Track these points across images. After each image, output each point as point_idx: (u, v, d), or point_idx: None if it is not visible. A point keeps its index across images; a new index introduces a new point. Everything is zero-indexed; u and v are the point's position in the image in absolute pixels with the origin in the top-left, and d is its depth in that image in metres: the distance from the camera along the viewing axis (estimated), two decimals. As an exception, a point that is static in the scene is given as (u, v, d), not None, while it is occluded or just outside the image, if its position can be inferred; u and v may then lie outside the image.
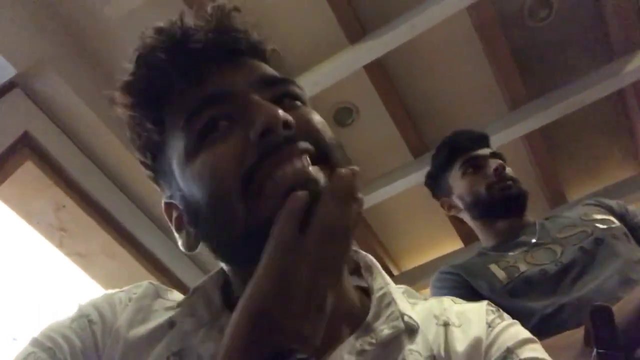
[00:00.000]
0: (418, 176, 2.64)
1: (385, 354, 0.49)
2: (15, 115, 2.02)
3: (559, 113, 2.47)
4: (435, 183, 1.42)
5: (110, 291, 0.59)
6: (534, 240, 1.20)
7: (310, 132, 0.50)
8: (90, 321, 0.53)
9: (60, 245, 2.29)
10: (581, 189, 3.05)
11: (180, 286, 2.51)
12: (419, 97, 2.54)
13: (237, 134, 0.45)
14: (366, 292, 0.56)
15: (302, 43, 2.28)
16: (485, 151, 1.34)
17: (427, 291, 3.64)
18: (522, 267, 1.14)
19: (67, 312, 0.57)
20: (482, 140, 1.38)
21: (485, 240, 1.33)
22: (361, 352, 0.48)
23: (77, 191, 2.17)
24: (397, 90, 2.47)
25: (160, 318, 0.55)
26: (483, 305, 0.56)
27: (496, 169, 1.26)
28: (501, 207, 1.26)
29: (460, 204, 1.35)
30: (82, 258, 2.34)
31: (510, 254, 1.19)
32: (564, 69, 2.51)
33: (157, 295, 0.58)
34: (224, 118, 0.47)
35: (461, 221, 1.43)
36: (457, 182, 1.34)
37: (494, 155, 1.34)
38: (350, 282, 0.56)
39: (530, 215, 1.33)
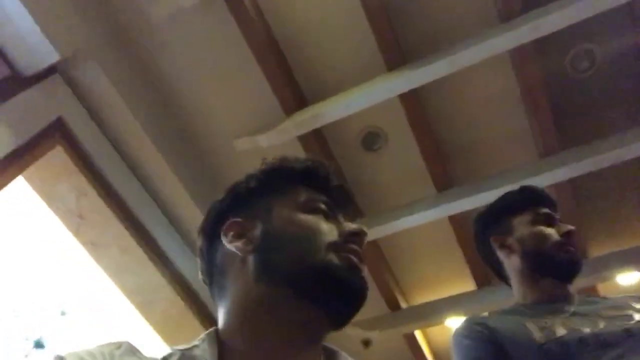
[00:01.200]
0: (439, 211, 2.60)
1: None
2: (52, 100, 2.06)
3: (590, 167, 2.42)
4: (495, 219, 1.35)
5: (88, 347, 0.64)
6: (573, 310, 1.15)
7: None
8: None
9: (76, 232, 2.31)
10: (603, 247, 2.97)
11: (184, 285, 2.50)
12: (451, 132, 2.52)
13: (334, 222, 0.70)
14: None
15: (340, 63, 2.30)
16: (558, 215, 1.33)
17: (433, 329, 3.57)
18: (560, 331, 1.07)
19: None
20: (556, 206, 1.37)
21: (523, 295, 1.26)
22: None
23: (100, 181, 2.19)
24: (429, 123, 2.45)
25: None
26: None
27: (569, 232, 1.22)
28: (559, 268, 1.21)
29: (516, 247, 1.29)
30: (95, 247, 2.35)
31: (548, 317, 1.13)
32: (600, 123, 2.46)
33: (134, 354, 0.65)
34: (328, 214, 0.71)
35: (479, 262, 1.39)
36: (524, 226, 1.29)
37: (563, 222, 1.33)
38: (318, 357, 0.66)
39: None
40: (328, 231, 0.67)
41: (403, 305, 3.26)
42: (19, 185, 2.17)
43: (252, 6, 2.21)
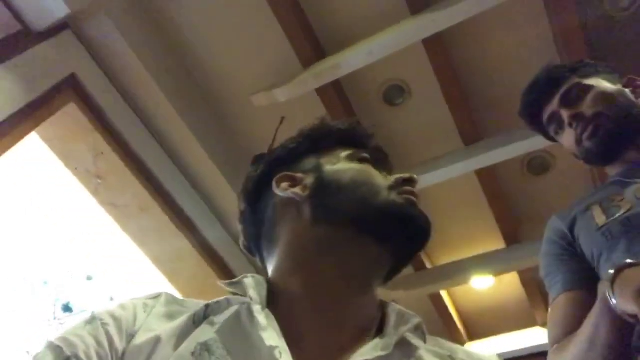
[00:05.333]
0: (466, 165, 2.50)
1: (405, 351, 0.59)
2: (64, 56, 2.00)
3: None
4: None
5: (123, 300, 0.64)
6: None
7: None
8: (103, 323, 0.58)
9: (95, 192, 2.28)
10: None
11: (207, 247, 2.47)
12: (478, 82, 2.39)
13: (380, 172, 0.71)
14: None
15: (360, 10, 2.18)
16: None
17: (458, 289, 3.50)
18: (625, 206, 0.93)
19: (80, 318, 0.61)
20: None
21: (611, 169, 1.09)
22: (385, 348, 0.57)
23: (116, 140, 2.14)
24: (456, 72, 2.32)
25: (183, 317, 0.60)
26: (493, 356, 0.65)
27: (570, 123, 1.06)
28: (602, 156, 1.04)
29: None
30: (115, 208, 2.33)
31: (630, 188, 0.98)
32: (636, 65, 2.30)
33: (176, 302, 0.65)
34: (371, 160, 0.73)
35: (508, 219, 1.27)
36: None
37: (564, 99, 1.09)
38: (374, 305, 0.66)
39: None
40: (382, 177, 0.69)
41: (428, 265, 3.20)
42: (39, 149, 2.15)
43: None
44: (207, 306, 0.62)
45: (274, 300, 0.62)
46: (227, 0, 2.21)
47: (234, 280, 0.64)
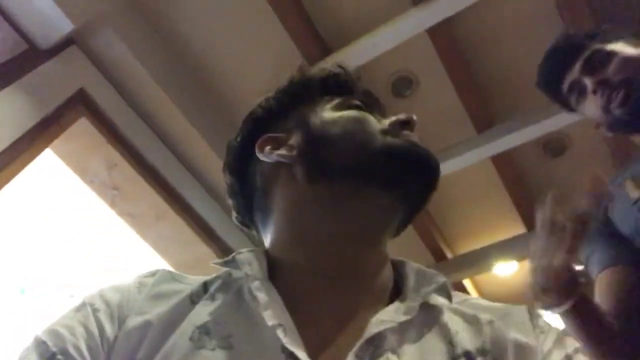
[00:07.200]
0: (481, 152, 2.47)
1: (428, 315, 0.54)
2: (72, 71, 2.02)
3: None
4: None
5: (117, 282, 0.60)
6: None
7: None
8: (94, 309, 0.54)
9: (112, 204, 2.31)
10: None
11: (226, 251, 2.49)
12: (487, 66, 2.34)
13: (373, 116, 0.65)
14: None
15: (362, 4, 2.16)
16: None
17: (481, 277, 3.47)
18: None
19: (71, 304, 0.57)
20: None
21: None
22: (408, 312, 0.52)
23: (129, 150, 2.16)
24: (463, 58, 2.29)
25: (180, 296, 0.56)
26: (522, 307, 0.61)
27: (594, 90, 1.02)
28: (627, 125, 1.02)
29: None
30: (133, 218, 2.36)
31: None
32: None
33: (174, 279, 0.60)
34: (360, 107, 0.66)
35: (527, 203, 1.26)
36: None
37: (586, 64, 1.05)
38: (386, 263, 0.60)
39: None
40: (375, 121, 0.63)
41: (449, 255, 3.17)
42: (54, 164, 2.19)
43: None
44: (205, 283, 0.58)
45: (275, 273, 0.56)
46: (229, 6, 2.21)
47: (228, 258, 0.59)
